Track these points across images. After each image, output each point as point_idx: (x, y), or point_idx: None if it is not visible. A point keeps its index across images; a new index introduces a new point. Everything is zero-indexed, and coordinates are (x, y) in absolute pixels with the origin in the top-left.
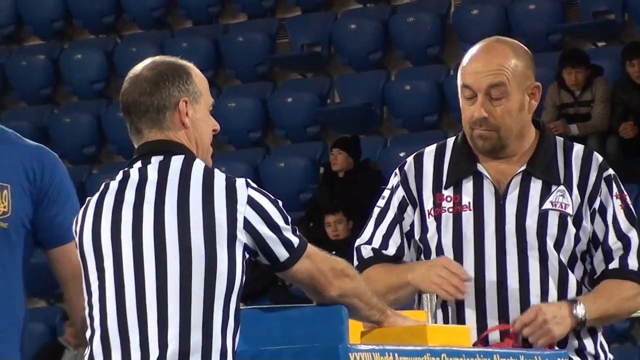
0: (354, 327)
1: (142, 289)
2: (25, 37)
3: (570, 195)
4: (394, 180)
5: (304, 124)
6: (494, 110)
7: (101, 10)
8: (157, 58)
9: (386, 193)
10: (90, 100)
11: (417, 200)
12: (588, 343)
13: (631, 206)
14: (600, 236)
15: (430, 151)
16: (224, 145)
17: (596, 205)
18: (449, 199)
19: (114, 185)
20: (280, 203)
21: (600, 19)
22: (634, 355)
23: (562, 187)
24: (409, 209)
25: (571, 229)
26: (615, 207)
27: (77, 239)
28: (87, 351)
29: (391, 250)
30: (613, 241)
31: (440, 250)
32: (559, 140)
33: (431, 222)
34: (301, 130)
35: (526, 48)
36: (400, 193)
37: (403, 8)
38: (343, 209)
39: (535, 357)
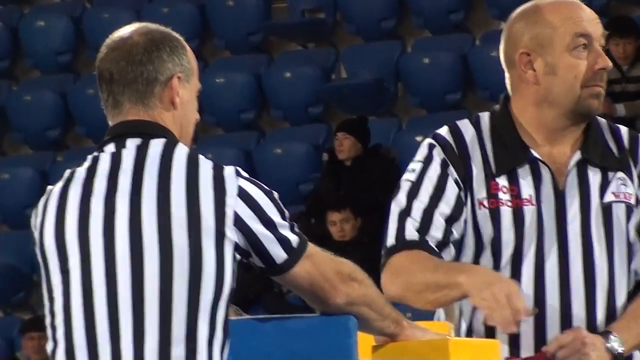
0: (364, 341)
1: (114, 295)
2: None
3: (632, 182)
4: (434, 152)
5: (305, 103)
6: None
7: None
8: (147, 24)
9: (418, 166)
10: (54, 75)
11: (464, 185)
12: None
13: None
14: None
15: (467, 127)
16: (211, 127)
17: None
18: (504, 189)
19: (81, 172)
20: (276, 195)
21: None
22: None
23: (621, 174)
24: (460, 190)
25: (633, 223)
26: None
27: (36, 234)
28: None
29: (437, 235)
30: None
31: (497, 251)
32: (602, 120)
33: (484, 215)
34: (301, 110)
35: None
36: (446, 168)
37: None
38: (350, 205)
39: None
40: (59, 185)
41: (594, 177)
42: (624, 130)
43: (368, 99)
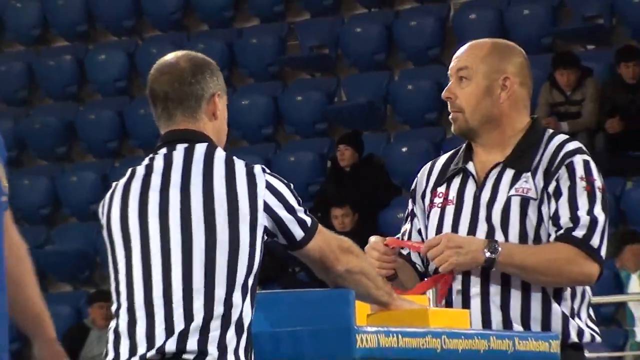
0: (361, 310)
1: (168, 266)
2: (52, 39)
3: (534, 180)
4: (413, 185)
5: (313, 120)
6: (459, 92)
7: (123, 14)
8: (187, 52)
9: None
10: (113, 98)
11: (422, 200)
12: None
13: (598, 190)
14: (555, 216)
15: (445, 155)
16: (238, 140)
17: (551, 188)
18: (440, 195)
19: (140, 170)
20: (292, 186)
21: (590, 23)
22: (619, 337)
23: (527, 174)
24: (415, 214)
25: (532, 212)
26: (576, 188)
27: (104, 221)
28: (113, 323)
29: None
30: (564, 218)
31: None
32: (548, 132)
33: (426, 218)
34: (310, 126)
35: (519, 50)
36: (410, 203)
37: (405, 12)
38: (350, 203)
39: (529, 339)
40: (123, 180)
41: (507, 176)
42: (557, 138)
43: (363, 117)
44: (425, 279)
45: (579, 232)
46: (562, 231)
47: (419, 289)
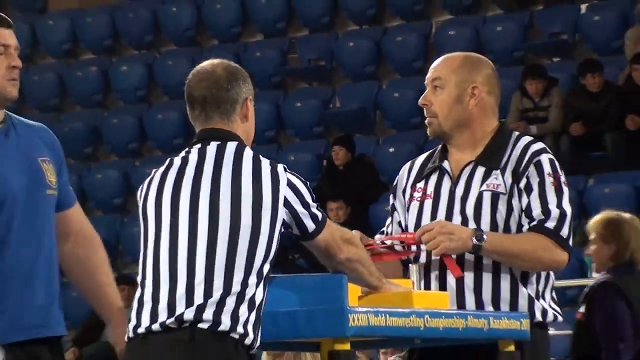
0: (353, 293)
1: (193, 246)
2: (80, 53)
3: (503, 177)
4: (394, 182)
5: (310, 124)
6: (433, 99)
7: (143, 31)
8: (222, 60)
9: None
10: (134, 105)
11: (402, 195)
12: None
13: (564, 185)
14: (528, 209)
15: (423, 155)
16: None
17: (522, 184)
18: (419, 190)
19: (177, 161)
20: (309, 184)
21: (556, 38)
22: None
23: (497, 172)
24: (395, 208)
25: (502, 206)
26: (545, 184)
27: (140, 203)
28: (138, 293)
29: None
30: (536, 210)
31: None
32: (515, 134)
33: (406, 211)
34: (308, 130)
35: (488, 62)
36: (391, 198)
37: (393, 29)
38: (343, 197)
39: (502, 318)
40: (161, 169)
41: (479, 173)
42: (524, 139)
43: (355, 122)
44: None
45: (551, 224)
46: (535, 222)
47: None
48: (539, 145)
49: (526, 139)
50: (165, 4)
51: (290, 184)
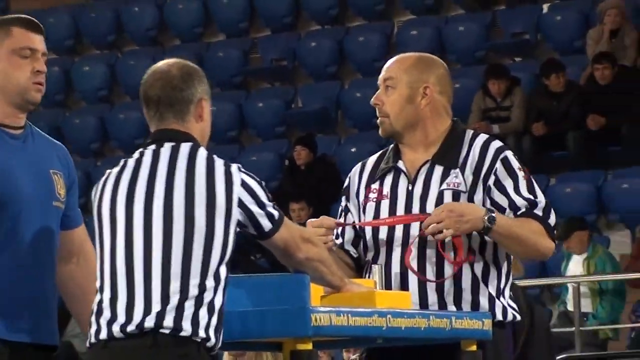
0: (315, 292)
1: (149, 251)
2: None
3: (463, 175)
4: (345, 184)
5: (272, 124)
6: (385, 99)
7: (105, 30)
8: (177, 60)
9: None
10: (95, 105)
11: (356, 197)
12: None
13: (532, 178)
14: (504, 202)
15: (374, 156)
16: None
17: (491, 181)
18: (374, 190)
19: (131, 162)
20: (264, 183)
21: (517, 38)
22: (544, 316)
23: (457, 170)
24: (348, 209)
25: (463, 203)
26: (518, 178)
27: (95, 205)
28: (97, 298)
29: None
30: (519, 201)
31: (364, 233)
32: (469, 132)
33: (362, 212)
34: (270, 129)
35: (440, 62)
36: (343, 200)
37: (354, 29)
38: (305, 197)
39: (464, 318)
40: (115, 170)
41: (437, 173)
42: (481, 138)
43: (317, 122)
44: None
45: (539, 212)
46: (524, 210)
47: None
48: (498, 142)
49: (483, 136)
50: (127, 4)
51: (244, 184)
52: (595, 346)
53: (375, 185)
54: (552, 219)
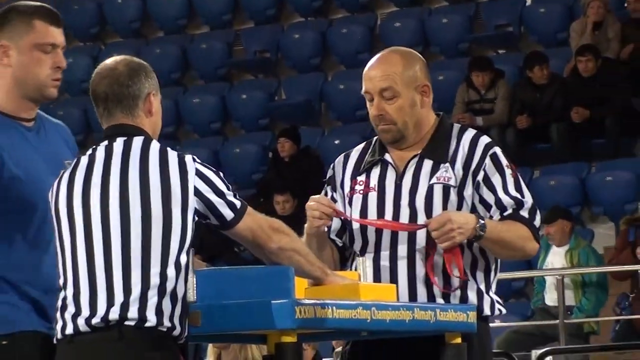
0: (299, 285)
1: (108, 243)
2: None
3: (453, 170)
4: (329, 174)
5: (256, 116)
6: (389, 108)
7: (88, 22)
8: (124, 57)
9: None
10: (79, 97)
11: (341, 188)
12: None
13: (518, 175)
14: (491, 200)
15: (358, 148)
16: (190, 134)
17: (480, 177)
18: (361, 182)
19: (84, 160)
20: (222, 174)
21: (501, 30)
22: (527, 308)
23: (447, 164)
24: (335, 200)
25: (453, 197)
26: (506, 175)
27: (52, 204)
28: (61, 295)
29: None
30: (506, 200)
31: (350, 226)
32: (456, 127)
33: (347, 203)
34: (253, 122)
35: (418, 54)
36: (328, 190)
37: (338, 21)
38: (290, 190)
39: (449, 310)
40: (69, 169)
41: (426, 167)
42: (469, 133)
43: (301, 114)
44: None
45: (525, 213)
46: (510, 211)
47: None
48: (487, 138)
49: (471, 131)
50: None
51: (199, 173)
52: (578, 338)
53: (361, 178)
54: (537, 221)
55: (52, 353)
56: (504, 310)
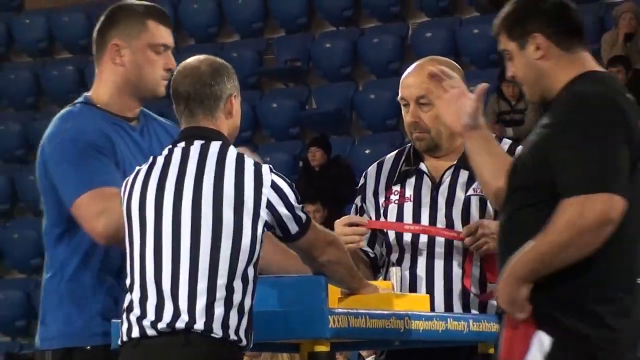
0: (333, 294)
1: (177, 251)
2: (56, 51)
3: None
4: (360, 183)
5: (287, 125)
6: (424, 116)
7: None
8: (207, 56)
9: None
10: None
11: (373, 197)
12: None
13: None
14: None
15: (390, 156)
16: None
17: None
18: (396, 192)
19: (160, 160)
20: (294, 185)
21: None
22: None
23: None
24: (364, 210)
25: (490, 209)
26: None
27: (124, 202)
28: (127, 297)
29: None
30: None
31: (387, 236)
32: (504, 140)
33: (382, 213)
34: (284, 130)
35: (456, 65)
36: (358, 200)
37: (369, 30)
38: (321, 199)
39: (482, 320)
40: (144, 167)
41: (462, 177)
42: (505, 142)
43: (331, 123)
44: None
45: None
46: None
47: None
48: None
49: (505, 142)
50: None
51: (274, 186)
52: None
53: (396, 187)
54: None
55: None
56: None
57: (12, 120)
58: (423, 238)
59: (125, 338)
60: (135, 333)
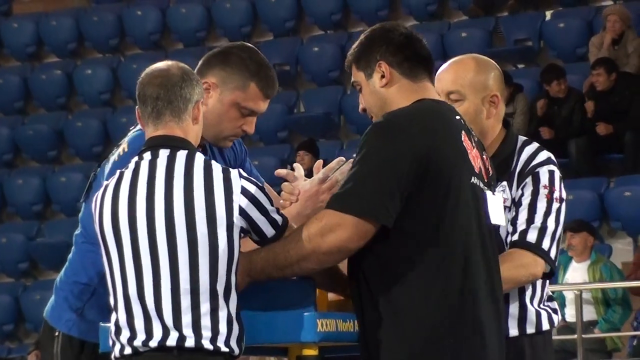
0: (322, 298)
1: (157, 269)
2: (45, 56)
3: (510, 189)
4: None
5: (275, 129)
6: None
7: (107, 34)
8: (175, 62)
9: None
10: (98, 108)
11: None
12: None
13: (556, 200)
14: (514, 219)
15: None
16: None
17: (517, 195)
18: None
19: (127, 174)
20: (265, 187)
21: (520, 45)
22: None
23: (504, 183)
24: None
25: (508, 217)
26: (539, 196)
27: (96, 218)
28: (113, 317)
29: None
30: (521, 221)
31: None
32: (520, 140)
33: None
34: (272, 134)
35: (494, 64)
36: None
37: (357, 34)
38: None
39: None
40: (112, 182)
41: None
42: (530, 147)
43: (319, 127)
44: None
45: (531, 236)
46: (516, 237)
47: None
48: (544, 155)
49: (531, 147)
50: (130, 7)
51: (244, 192)
52: (600, 353)
53: None
54: (546, 243)
55: None
56: (555, 319)
57: (1, 124)
58: None
59: (117, 355)
60: (128, 351)
